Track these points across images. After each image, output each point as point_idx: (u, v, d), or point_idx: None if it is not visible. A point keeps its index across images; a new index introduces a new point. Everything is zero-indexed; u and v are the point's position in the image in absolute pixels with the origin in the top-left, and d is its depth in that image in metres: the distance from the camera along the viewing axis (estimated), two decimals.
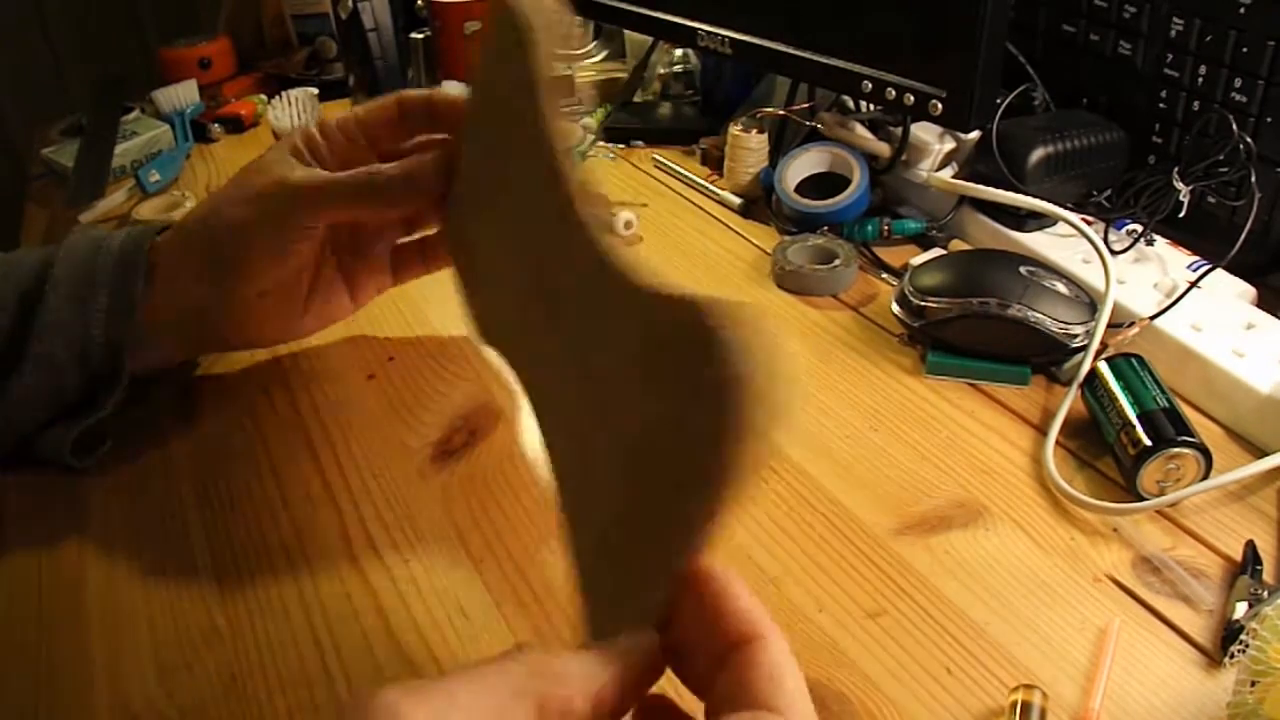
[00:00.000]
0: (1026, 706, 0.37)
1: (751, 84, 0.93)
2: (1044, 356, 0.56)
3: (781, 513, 0.48)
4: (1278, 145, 0.59)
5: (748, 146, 0.77)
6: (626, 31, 1.03)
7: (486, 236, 0.46)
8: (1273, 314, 0.56)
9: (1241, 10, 0.59)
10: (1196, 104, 0.63)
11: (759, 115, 0.79)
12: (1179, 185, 0.61)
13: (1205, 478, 0.47)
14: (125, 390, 0.51)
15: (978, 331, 0.56)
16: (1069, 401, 0.53)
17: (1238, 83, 0.60)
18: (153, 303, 0.51)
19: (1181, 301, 0.56)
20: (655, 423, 0.28)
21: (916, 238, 0.70)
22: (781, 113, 0.77)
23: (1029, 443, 0.52)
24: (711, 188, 0.80)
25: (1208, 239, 0.61)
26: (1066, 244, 0.63)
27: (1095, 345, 0.55)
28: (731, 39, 0.74)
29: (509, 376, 0.39)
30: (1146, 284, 0.59)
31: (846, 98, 0.76)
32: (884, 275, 0.68)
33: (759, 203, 0.77)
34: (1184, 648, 0.40)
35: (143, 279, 0.51)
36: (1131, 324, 0.56)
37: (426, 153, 0.51)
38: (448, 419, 0.55)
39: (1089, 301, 0.56)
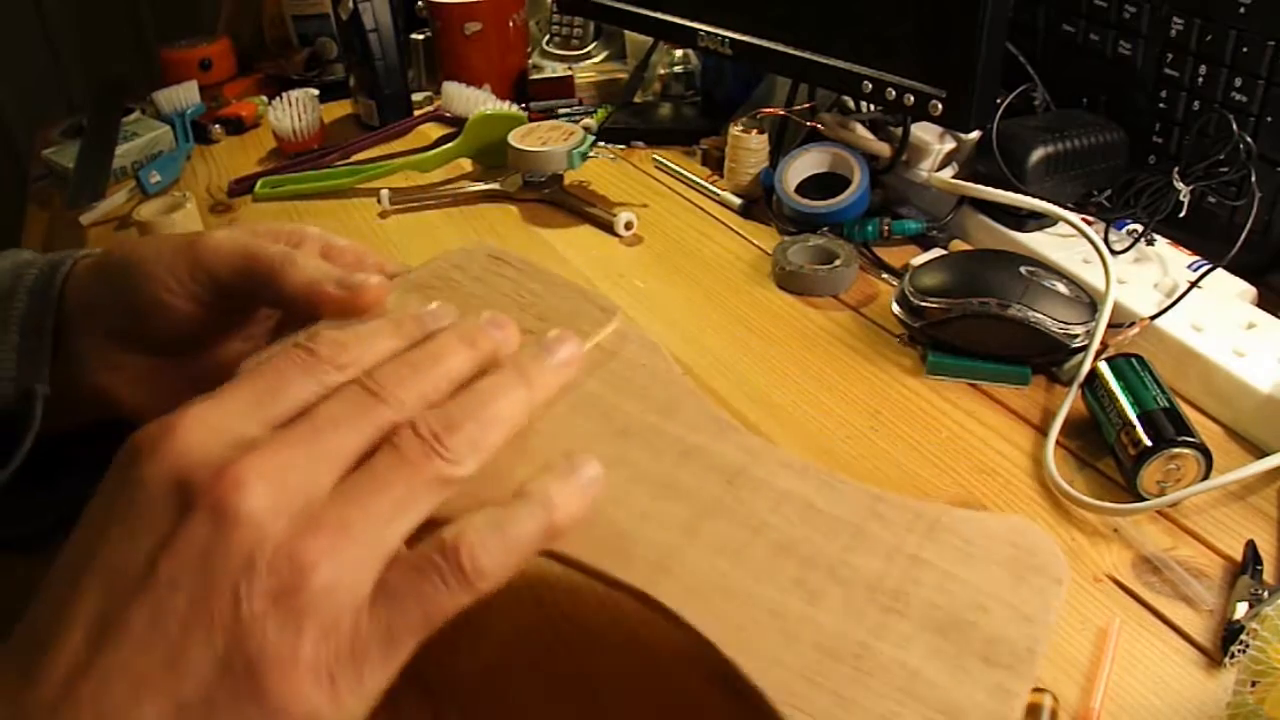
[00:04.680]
0: (1036, 709, 0.37)
1: (752, 84, 0.93)
2: (1044, 356, 0.56)
3: None
4: (1278, 145, 0.59)
5: (748, 147, 0.77)
6: (627, 32, 1.03)
7: None
8: (1273, 314, 0.56)
9: (1241, 10, 0.59)
10: (1196, 104, 0.63)
11: (759, 116, 0.79)
12: (1179, 185, 0.61)
13: (1205, 478, 0.47)
14: (31, 444, 0.43)
15: (978, 331, 0.56)
16: (1069, 401, 0.53)
17: (1238, 83, 0.60)
18: (68, 346, 0.44)
19: (1182, 301, 0.56)
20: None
21: (916, 238, 0.70)
22: (782, 113, 0.77)
23: (1029, 443, 0.52)
24: (712, 188, 0.80)
25: (1208, 239, 0.61)
26: (1066, 244, 0.63)
27: (1095, 345, 0.55)
28: (731, 39, 0.74)
29: None
30: (1147, 284, 0.59)
31: (846, 98, 0.76)
32: (884, 275, 0.68)
33: (759, 203, 0.77)
34: (1184, 648, 0.40)
35: (52, 318, 0.43)
36: (1132, 324, 0.56)
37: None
38: None
39: (1089, 301, 0.56)
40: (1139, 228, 0.62)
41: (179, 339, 0.43)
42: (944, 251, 0.68)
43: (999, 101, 0.67)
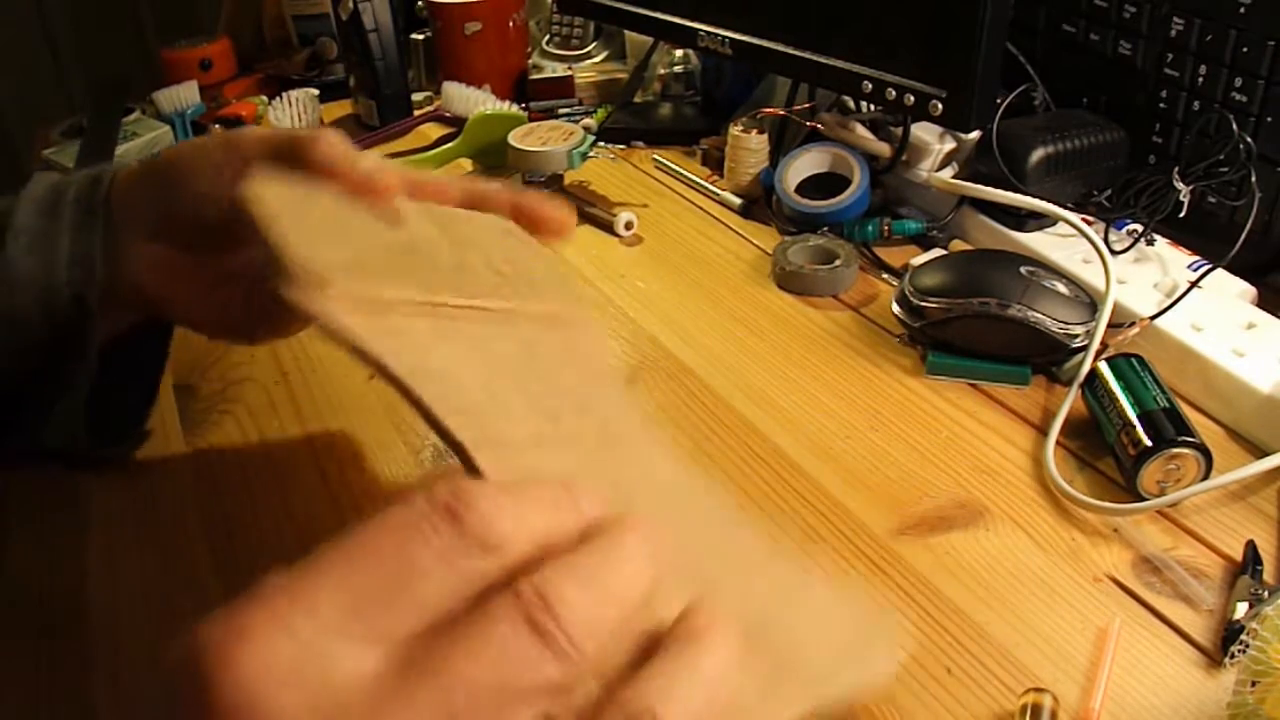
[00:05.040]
0: (1037, 709, 0.37)
1: (752, 84, 0.93)
2: (1044, 356, 0.56)
3: (782, 513, 0.48)
4: (1278, 145, 0.59)
5: (748, 147, 0.77)
6: (627, 32, 1.03)
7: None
8: (1273, 314, 0.56)
9: (1241, 10, 0.59)
10: (1196, 104, 0.63)
11: (759, 116, 0.79)
12: (1179, 185, 0.61)
13: (1205, 478, 0.47)
14: (97, 349, 0.47)
15: (978, 331, 0.56)
16: (1069, 402, 0.53)
17: (1238, 83, 0.60)
18: (114, 248, 0.47)
19: (1182, 301, 0.56)
20: None
21: (917, 238, 0.70)
22: (782, 113, 0.77)
23: (1029, 443, 0.52)
24: (712, 188, 0.80)
25: (1208, 239, 0.61)
26: (1067, 244, 0.63)
27: (1095, 345, 0.55)
28: (731, 39, 0.74)
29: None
30: (1147, 284, 0.59)
31: (846, 98, 0.76)
32: (884, 275, 0.68)
33: (759, 203, 0.77)
34: (1184, 648, 0.40)
35: (101, 222, 0.46)
36: (1132, 324, 0.56)
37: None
38: None
39: (1089, 301, 0.56)
40: (1139, 228, 0.62)
41: (213, 232, 0.45)
42: (944, 251, 0.68)
43: (999, 101, 0.67)
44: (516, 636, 0.19)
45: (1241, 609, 0.40)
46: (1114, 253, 0.60)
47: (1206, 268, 0.58)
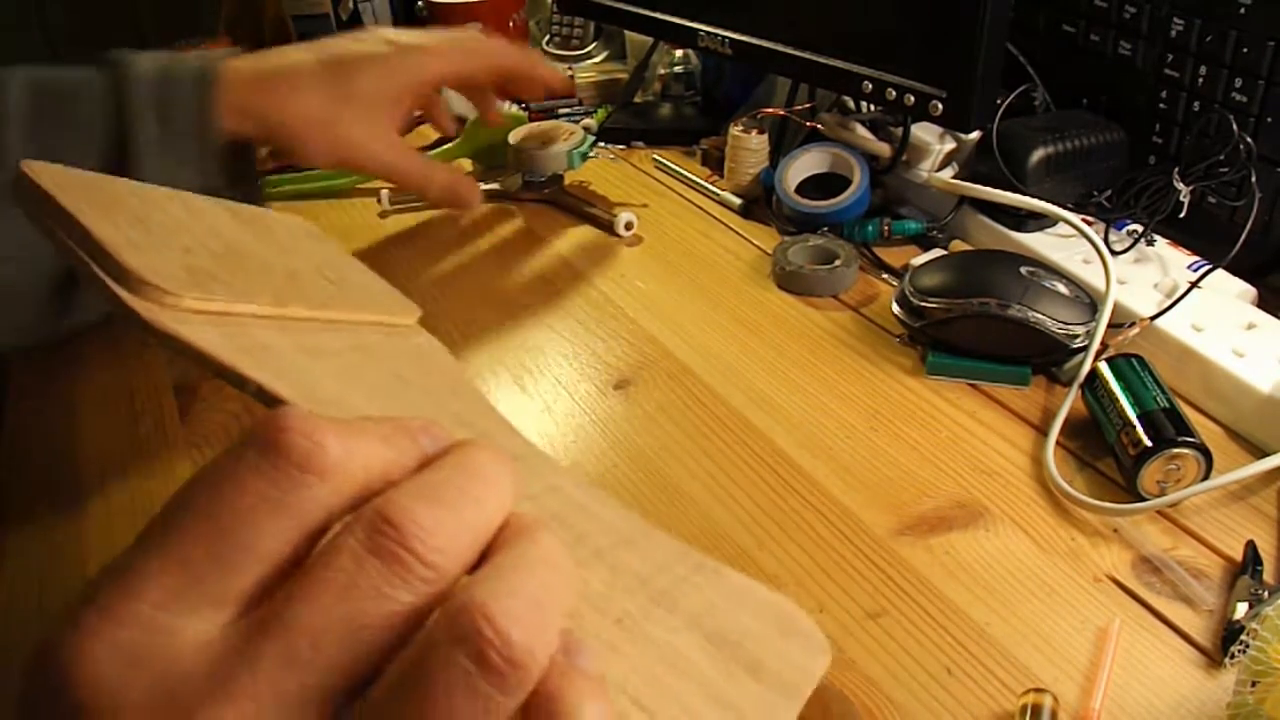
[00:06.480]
0: (1037, 709, 0.37)
1: (752, 84, 0.93)
2: (1044, 357, 0.56)
3: (782, 513, 0.48)
4: (1278, 145, 0.59)
5: (748, 147, 0.77)
6: (627, 32, 1.03)
7: None
8: (1273, 314, 0.56)
9: (1241, 10, 0.59)
10: (1196, 104, 0.63)
11: (759, 116, 0.79)
12: (1179, 185, 0.61)
13: (1205, 478, 0.47)
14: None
15: (978, 332, 0.56)
16: (1069, 402, 0.53)
17: (1238, 83, 0.60)
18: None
19: (1182, 302, 0.56)
20: None
21: (917, 238, 0.70)
22: (782, 113, 0.77)
23: (1029, 443, 0.52)
24: (712, 188, 0.80)
25: (1208, 239, 0.61)
26: (1067, 244, 0.63)
27: (1096, 345, 0.55)
28: (731, 39, 0.74)
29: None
30: (1147, 284, 0.59)
31: (847, 98, 0.76)
32: (884, 275, 0.68)
33: (759, 203, 0.77)
34: (1184, 648, 0.40)
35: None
36: (1132, 324, 0.56)
37: None
38: None
39: (1089, 302, 0.56)
40: (1139, 228, 0.62)
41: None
42: (944, 252, 0.68)
43: (999, 101, 0.67)
44: (360, 567, 0.18)
45: (1241, 609, 0.40)
46: (1114, 253, 0.60)
47: (1206, 268, 0.58)
